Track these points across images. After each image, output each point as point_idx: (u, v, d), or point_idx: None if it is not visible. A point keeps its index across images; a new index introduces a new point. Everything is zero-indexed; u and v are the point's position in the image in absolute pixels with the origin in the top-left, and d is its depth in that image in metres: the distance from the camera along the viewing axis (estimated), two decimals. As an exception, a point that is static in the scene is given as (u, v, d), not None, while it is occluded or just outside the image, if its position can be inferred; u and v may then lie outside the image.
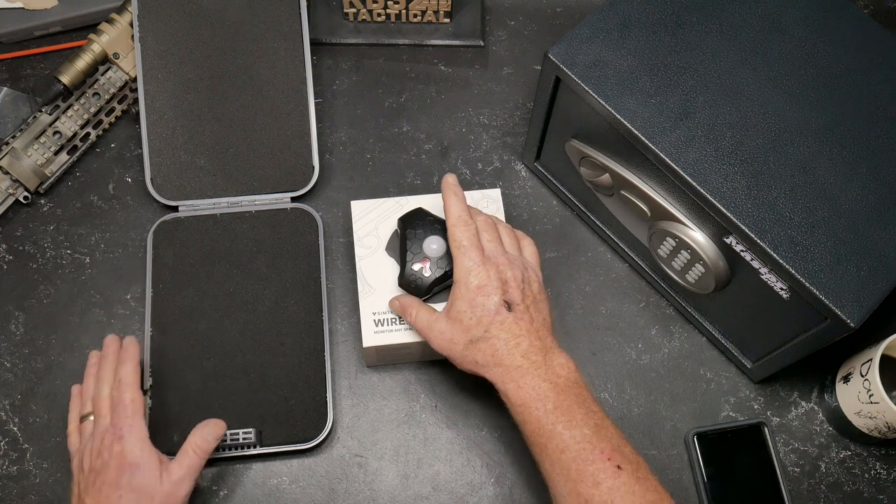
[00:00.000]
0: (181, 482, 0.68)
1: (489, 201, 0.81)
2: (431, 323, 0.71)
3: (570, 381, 0.66)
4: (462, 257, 0.69)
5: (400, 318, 0.76)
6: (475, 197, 0.81)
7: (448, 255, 0.75)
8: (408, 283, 0.75)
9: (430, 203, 0.80)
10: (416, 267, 0.75)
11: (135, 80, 0.88)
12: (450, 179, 0.74)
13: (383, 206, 0.80)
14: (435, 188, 0.89)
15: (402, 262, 0.76)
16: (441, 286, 0.76)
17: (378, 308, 0.76)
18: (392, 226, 0.80)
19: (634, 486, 0.63)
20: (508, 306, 0.68)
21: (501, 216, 0.80)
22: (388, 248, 0.79)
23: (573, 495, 0.63)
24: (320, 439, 0.77)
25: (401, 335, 0.75)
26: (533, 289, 0.70)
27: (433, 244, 0.76)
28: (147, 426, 0.69)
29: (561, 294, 0.85)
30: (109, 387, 0.71)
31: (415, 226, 0.77)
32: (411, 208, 0.79)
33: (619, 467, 0.63)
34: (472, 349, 0.68)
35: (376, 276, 0.78)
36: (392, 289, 0.77)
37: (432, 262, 0.75)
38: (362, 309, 0.76)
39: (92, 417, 0.71)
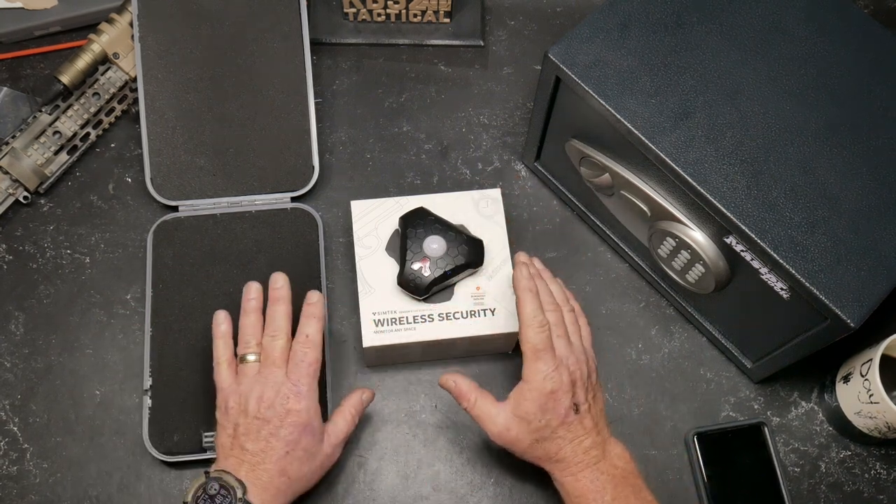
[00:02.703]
0: (339, 446, 0.71)
1: (489, 201, 0.81)
2: (494, 417, 0.69)
3: (626, 471, 0.67)
4: (537, 362, 0.67)
5: (406, 318, 0.76)
6: (475, 197, 0.81)
7: (447, 256, 0.75)
8: (407, 282, 0.75)
9: (431, 203, 0.80)
10: (416, 266, 0.75)
11: (135, 80, 0.88)
12: (523, 271, 0.69)
13: (383, 206, 0.80)
14: (435, 188, 0.89)
15: (402, 261, 0.76)
16: (439, 286, 0.76)
17: (378, 308, 0.76)
18: (392, 226, 0.80)
19: None
20: (576, 408, 0.67)
21: (501, 216, 0.80)
22: (389, 248, 0.79)
23: None
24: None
25: (401, 335, 0.75)
26: (593, 381, 0.70)
27: (433, 244, 0.76)
28: None
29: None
30: (285, 337, 0.70)
31: (416, 225, 0.77)
32: (412, 208, 0.79)
33: None
34: (536, 447, 0.68)
35: (376, 276, 0.78)
36: (392, 289, 0.77)
37: (432, 261, 0.75)
38: (362, 309, 0.76)
39: (252, 359, 0.70)
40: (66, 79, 0.84)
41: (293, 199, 0.86)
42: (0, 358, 0.81)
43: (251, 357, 0.70)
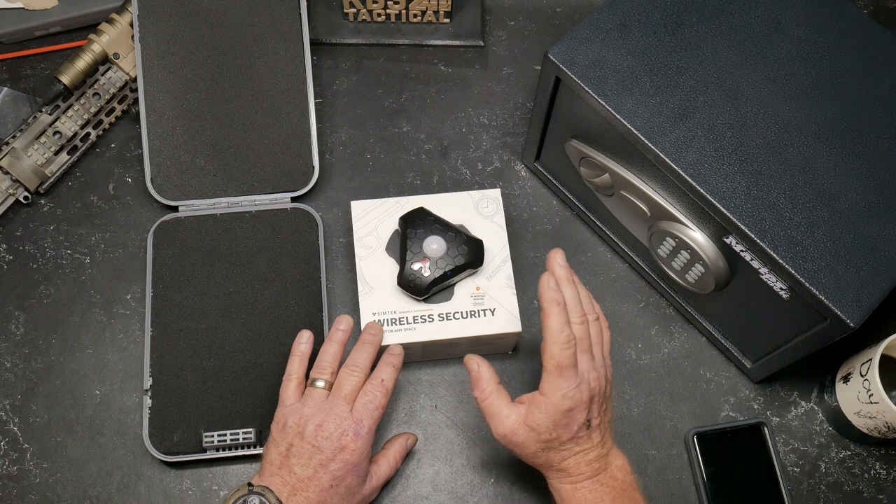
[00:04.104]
0: (378, 488, 0.72)
1: (489, 201, 0.81)
2: (504, 418, 0.67)
3: (625, 484, 0.67)
4: (559, 378, 0.64)
5: (406, 318, 0.76)
6: (475, 197, 0.81)
7: (447, 256, 0.76)
8: (407, 282, 0.75)
9: (431, 203, 0.80)
10: (416, 266, 0.75)
11: (135, 80, 0.88)
12: (550, 282, 0.66)
13: (383, 206, 0.80)
14: (435, 188, 0.89)
15: (402, 262, 0.76)
16: (439, 286, 0.76)
17: (378, 308, 0.76)
18: (392, 226, 0.80)
19: None
20: (588, 423, 0.66)
21: (501, 216, 0.80)
22: (389, 248, 0.79)
23: None
24: (320, 439, 0.76)
25: (401, 335, 0.75)
26: (606, 392, 0.68)
27: (433, 244, 0.76)
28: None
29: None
30: (362, 376, 0.70)
31: (416, 225, 0.77)
32: (412, 208, 0.79)
33: None
34: (540, 455, 0.67)
35: (376, 276, 0.78)
36: (392, 289, 0.77)
37: (432, 262, 0.75)
38: (362, 309, 0.76)
39: (321, 385, 0.70)
40: (66, 79, 0.84)
41: (293, 199, 0.86)
42: (0, 358, 0.81)
43: (320, 383, 0.70)
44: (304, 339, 0.74)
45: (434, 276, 0.75)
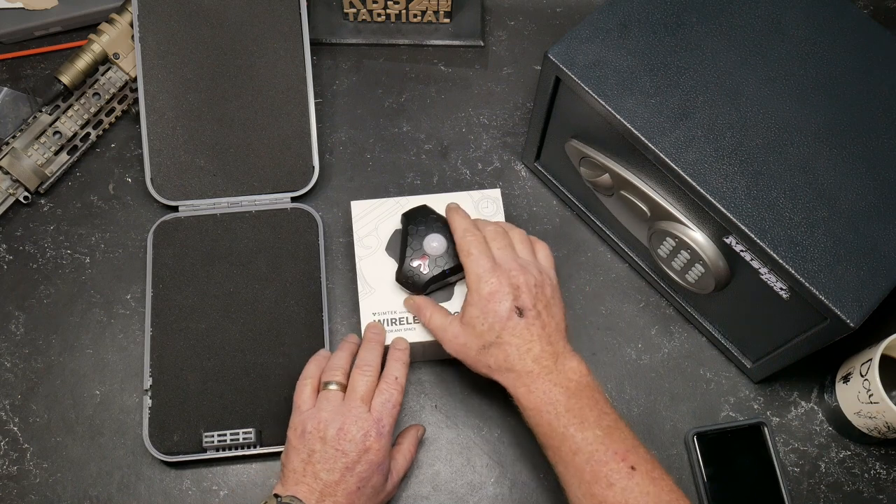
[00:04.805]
0: (398, 484, 0.72)
1: (489, 201, 0.81)
2: (446, 326, 0.71)
3: (581, 384, 0.67)
4: (471, 265, 0.70)
5: (406, 319, 0.76)
6: (475, 197, 0.81)
7: (447, 255, 0.76)
8: (405, 278, 0.75)
9: (431, 203, 0.80)
10: (415, 263, 0.75)
11: (135, 80, 0.88)
12: (451, 205, 0.77)
13: (383, 206, 0.80)
14: (435, 188, 0.89)
15: (402, 258, 0.76)
16: (438, 284, 0.76)
17: (378, 308, 0.76)
18: (392, 226, 0.80)
19: (649, 486, 0.63)
20: (520, 312, 0.68)
21: (501, 216, 0.80)
22: (389, 248, 0.79)
23: (588, 497, 0.64)
24: (320, 439, 0.76)
25: (400, 335, 0.75)
26: (546, 293, 0.70)
27: (434, 242, 0.76)
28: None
29: (561, 294, 0.84)
30: (375, 375, 0.70)
31: (418, 222, 0.77)
32: (415, 206, 0.79)
33: (633, 468, 0.63)
34: (484, 354, 0.69)
35: (376, 276, 0.78)
36: (392, 288, 0.77)
37: (431, 259, 0.75)
38: (362, 309, 0.76)
39: (333, 388, 0.70)
40: (66, 79, 0.84)
41: (293, 199, 0.86)
42: (0, 358, 0.81)
43: (333, 386, 0.70)
44: (322, 354, 0.74)
45: (432, 274, 0.75)
